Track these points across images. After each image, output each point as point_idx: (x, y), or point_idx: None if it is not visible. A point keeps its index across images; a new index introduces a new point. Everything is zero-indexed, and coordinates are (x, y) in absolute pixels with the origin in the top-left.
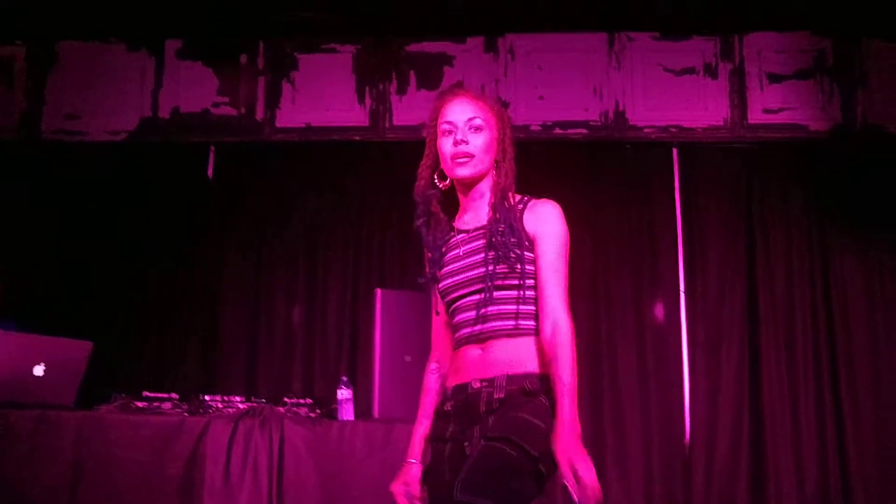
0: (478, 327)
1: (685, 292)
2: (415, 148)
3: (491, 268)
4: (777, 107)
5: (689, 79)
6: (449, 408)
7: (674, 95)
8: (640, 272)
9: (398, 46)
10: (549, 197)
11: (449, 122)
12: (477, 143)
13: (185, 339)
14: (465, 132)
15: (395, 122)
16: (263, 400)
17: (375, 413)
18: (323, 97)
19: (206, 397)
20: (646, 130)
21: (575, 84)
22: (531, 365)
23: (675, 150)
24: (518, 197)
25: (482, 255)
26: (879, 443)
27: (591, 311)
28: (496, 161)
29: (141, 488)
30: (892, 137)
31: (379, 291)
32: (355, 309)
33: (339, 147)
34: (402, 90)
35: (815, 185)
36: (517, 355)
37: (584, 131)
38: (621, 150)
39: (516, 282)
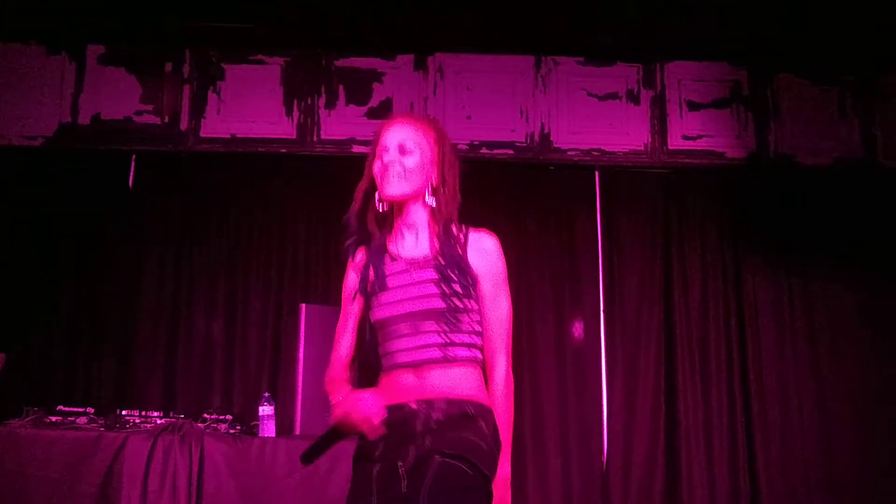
0: (417, 356)
1: (604, 312)
2: (342, 162)
3: (443, 304)
4: (695, 134)
5: (612, 104)
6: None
7: (597, 120)
8: (561, 292)
9: (327, 61)
10: (476, 217)
11: (382, 146)
12: (406, 163)
13: (100, 352)
14: (394, 153)
15: (323, 136)
16: (182, 415)
17: (297, 430)
18: (250, 109)
19: (124, 412)
20: (569, 153)
21: (502, 105)
22: (469, 391)
23: (597, 173)
24: (457, 226)
25: (430, 287)
26: (786, 454)
27: (514, 328)
28: (433, 186)
29: None
30: (802, 167)
31: (304, 306)
32: (277, 324)
33: (264, 159)
34: (330, 104)
35: (730, 211)
36: (455, 382)
37: (510, 152)
38: (545, 171)
39: (462, 313)
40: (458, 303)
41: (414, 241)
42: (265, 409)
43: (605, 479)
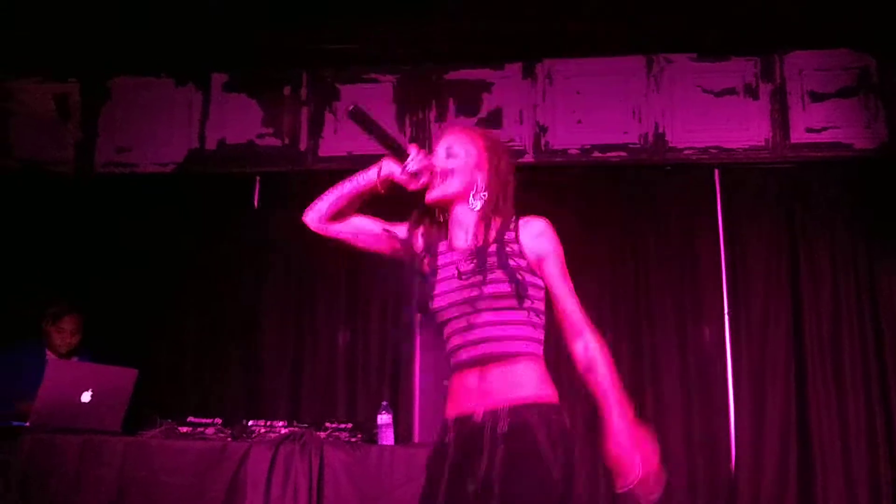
0: (475, 351)
1: (729, 317)
2: None
3: (490, 289)
4: (820, 126)
5: (729, 99)
6: (449, 440)
7: (714, 116)
8: (682, 297)
9: (437, 75)
10: (590, 223)
11: (434, 152)
12: (448, 165)
13: (229, 365)
14: (440, 158)
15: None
16: (305, 425)
17: (416, 438)
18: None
19: (250, 422)
20: (686, 152)
21: (614, 107)
22: (531, 391)
23: (716, 172)
24: (505, 221)
25: (479, 276)
26: None
27: (633, 337)
28: (478, 189)
29: None
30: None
31: (419, 316)
32: (397, 333)
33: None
34: (441, 117)
35: (861, 206)
36: (517, 382)
37: (624, 154)
38: (661, 172)
39: (518, 304)
40: (510, 294)
41: (464, 236)
42: (383, 418)
43: (732, 491)
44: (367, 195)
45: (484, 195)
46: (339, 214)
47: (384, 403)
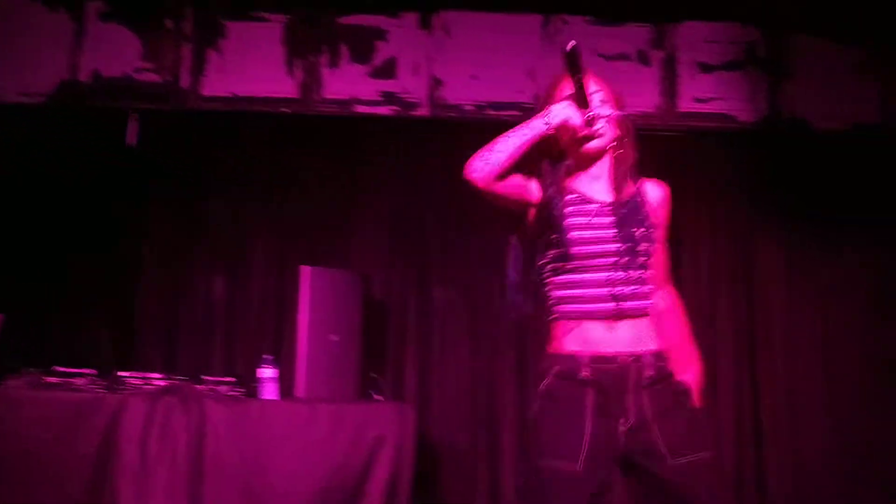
0: (611, 304)
1: None
2: (345, 122)
3: (637, 250)
4: (707, 96)
5: (621, 64)
6: (587, 375)
7: (606, 80)
8: None
9: (330, 18)
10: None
11: (582, 98)
12: (605, 114)
13: (102, 312)
14: (597, 107)
15: (326, 96)
16: (183, 378)
17: (299, 392)
18: (251, 67)
19: (124, 374)
20: None
21: (510, 65)
22: (664, 342)
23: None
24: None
25: (625, 229)
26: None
27: None
28: (619, 138)
29: (52, 468)
30: (816, 132)
31: (305, 269)
32: (281, 286)
33: (266, 118)
34: (333, 63)
35: (742, 175)
36: (651, 332)
37: (517, 113)
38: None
39: (647, 262)
40: (648, 250)
41: (602, 187)
42: (266, 372)
43: None
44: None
45: (621, 143)
46: (508, 170)
47: (267, 357)
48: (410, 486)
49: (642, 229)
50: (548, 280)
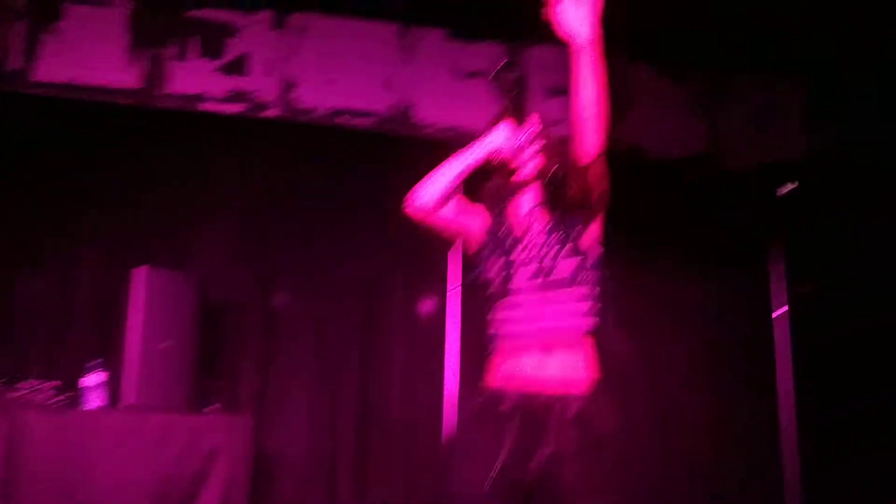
0: (544, 337)
1: (458, 289)
2: (191, 118)
3: (577, 277)
4: (553, 119)
5: (475, 82)
6: (508, 409)
7: (459, 97)
8: (412, 272)
9: (179, 9)
10: (332, 185)
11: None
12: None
13: None
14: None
15: (171, 90)
16: None
17: (127, 400)
18: (91, 54)
19: None
20: (428, 130)
21: (365, 73)
22: (591, 377)
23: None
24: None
25: (560, 260)
26: None
27: (363, 303)
28: (556, 170)
29: None
30: (652, 160)
31: (138, 270)
32: (109, 290)
33: (105, 109)
34: (181, 56)
35: None
36: (580, 368)
37: (370, 121)
38: (402, 145)
39: (580, 293)
40: (582, 281)
41: (539, 215)
42: (91, 379)
43: None
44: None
45: (558, 174)
46: (447, 200)
47: (93, 363)
48: (246, 497)
49: (577, 259)
50: (489, 309)
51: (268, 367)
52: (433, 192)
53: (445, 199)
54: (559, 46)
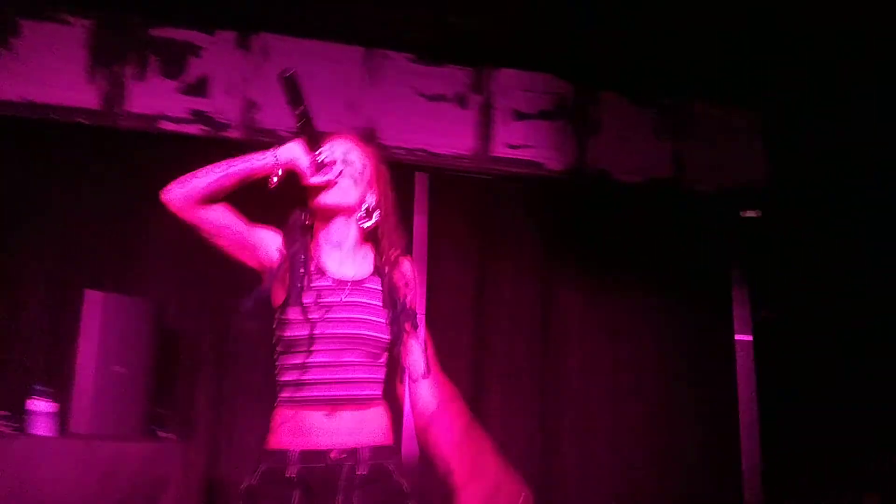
0: (335, 391)
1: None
2: (150, 139)
3: (372, 334)
4: (519, 143)
5: (440, 105)
6: (293, 474)
7: (425, 120)
8: None
9: (139, 28)
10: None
11: (324, 154)
12: (346, 174)
13: None
14: (339, 165)
15: (130, 109)
16: None
17: (76, 428)
18: (49, 71)
19: None
20: (395, 151)
21: (329, 95)
22: (387, 436)
23: (421, 174)
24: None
25: (361, 313)
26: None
27: None
28: (369, 207)
29: None
30: (617, 183)
31: (90, 293)
32: (64, 310)
33: (61, 129)
34: (140, 76)
35: (547, 223)
36: (374, 425)
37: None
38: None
39: (386, 348)
40: (385, 335)
41: (343, 258)
42: (38, 405)
43: None
44: (253, 180)
45: (374, 215)
46: (212, 198)
47: (38, 388)
48: None
49: (383, 312)
50: (276, 358)
51: (221, 393)
52: (194, 186)
53: (207, 197)
54: (523, 70)
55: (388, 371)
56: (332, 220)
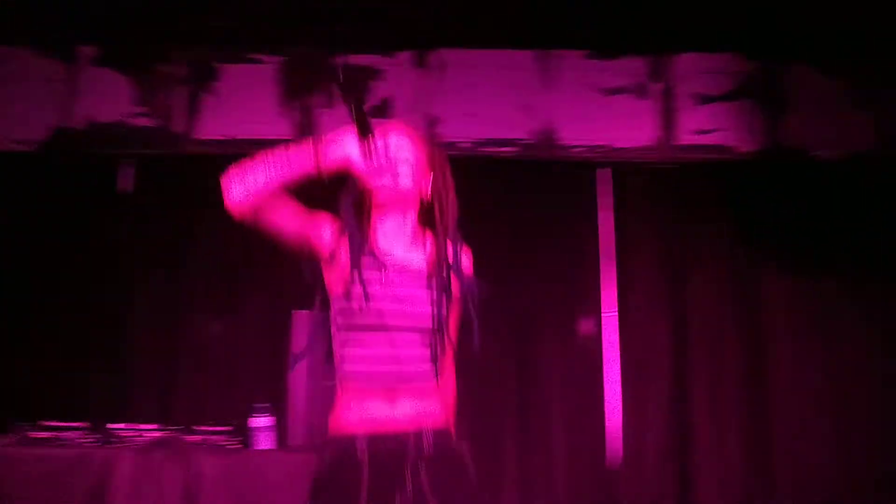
0: (397, 378)
1: (615, 316)
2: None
3: (431, 318)
4: (706, 128)
5: (619, 98)
6: (362, 456)
7: (604, 115)
8: (569, 294)
9: (325, 58)
10: (479, 216)
11: (379, 145)
12: (404, 164)
13: (95, 362)
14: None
15: (321, 137)
16: (177, 427)
17: (293, 441)
18: (246, 109)
19: (115, 426)
20: (575, 150)
21: (506, 101)
22: (447, 419)
23: (604, 171)
24: (452, 239)
25: (420, 297)
26: (803, 454)
27: (517, 335)
28: (427, 194)
29: None
30: (816, 161)
31: (298, 313)
32: (278, 330)
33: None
34: (328, 104)
35: (742, 208)
36: (435, 406)
37: (515, 149)
38: (550, 169)
39: (440, 333)
40: (442, 322)
41: (399, 244)
42: (260, 421)
43: (611, 490)
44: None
45: (428, 205)
46: (276, 198)
47: (260, 405)
48: None
49: (441, 296)
50: (337, 343)
51: None
52: (256, 189)
53: (267, 200)
54: (704, 52)
55: (446, 356)
56: (388, 208)
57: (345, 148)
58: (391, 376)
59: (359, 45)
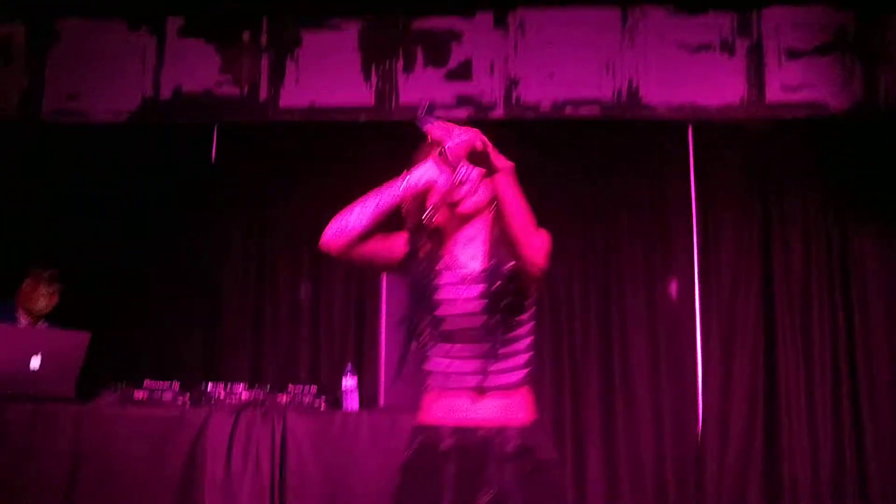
0: (480, 380)
1: (699, 277)
2: (417, 129)
3: (514, 318)
4: (796, 84)
5: (704, 55)
6: (446, 448)
7: (689, 73)
8: (652, 256)
9: (404, 23)
10: (563, 180)
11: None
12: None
13: (188, 323)
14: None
15: (402, 102)
16: (267, 387)
17: (381, 402)
18: (327, 76)
19: (209, 386)
20: (659, 109)
21: (587, 61)
22: (532, 414)
23: (689, 129)
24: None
25: (496, 300)
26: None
27: (602, 294)
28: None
29: (140, 483)
30: None
31: (384, 275)
32: (362, 293)
33: (343, 127)
34: (409, 67)
35: (834, 166)
36: (521, 403)
37: (597, 110)
38: (633, 129)
39: (526, 333)
40: (520, 321)
41: (475, 252)
42: (348, 382)
43: (699, 452)
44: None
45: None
46: (367, 236)
47: (349, 366)
48: None
49: (515, 300)
50: (422, 348)
51: None
52: (351, 229)
53: (362, 237)
54: (793, 6)
55: (529, 353)
56: (465, 219)
57: (429, 176)
58: (473, 380)
59: (437, 7)
